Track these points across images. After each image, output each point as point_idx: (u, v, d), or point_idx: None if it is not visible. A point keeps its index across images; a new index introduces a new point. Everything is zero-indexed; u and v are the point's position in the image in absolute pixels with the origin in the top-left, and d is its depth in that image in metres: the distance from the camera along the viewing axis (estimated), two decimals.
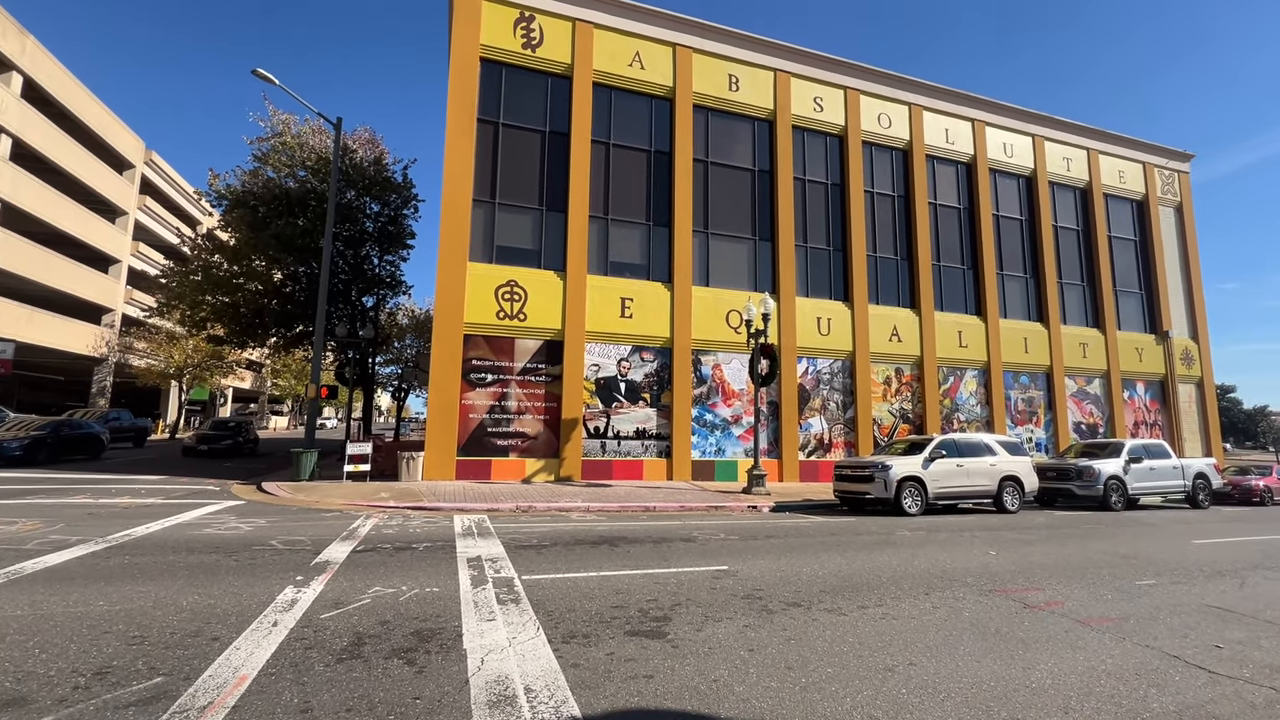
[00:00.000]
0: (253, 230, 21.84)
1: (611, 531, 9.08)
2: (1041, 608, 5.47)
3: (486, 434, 15.78)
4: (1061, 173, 24.53)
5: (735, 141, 19.70)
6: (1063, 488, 15.03)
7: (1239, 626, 5.06)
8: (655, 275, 18.04)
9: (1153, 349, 24.97)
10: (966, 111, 23.01)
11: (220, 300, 23.25)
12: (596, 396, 16.89)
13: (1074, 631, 4.78)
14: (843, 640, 4.40)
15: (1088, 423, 23.34)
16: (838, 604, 5.36)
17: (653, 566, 6.66)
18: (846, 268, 20.36)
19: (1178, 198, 27.01)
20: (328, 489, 13.13)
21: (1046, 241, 23.55)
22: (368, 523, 9.23)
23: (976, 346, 21.68)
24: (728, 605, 5.22)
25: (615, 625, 4.57)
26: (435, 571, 6.11)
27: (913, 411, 20.59)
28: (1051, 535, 10.12)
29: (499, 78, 17.16)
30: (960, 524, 11.35)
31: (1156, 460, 15.61)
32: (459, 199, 15.95)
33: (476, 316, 15.88)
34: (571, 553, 7.34)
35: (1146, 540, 9.78)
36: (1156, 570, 7.26)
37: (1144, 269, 25.76)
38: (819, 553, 7.82)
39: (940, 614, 5.16)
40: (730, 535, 9.10)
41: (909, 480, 12.62)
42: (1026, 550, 8.48)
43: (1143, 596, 5.97)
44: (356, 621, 4.47)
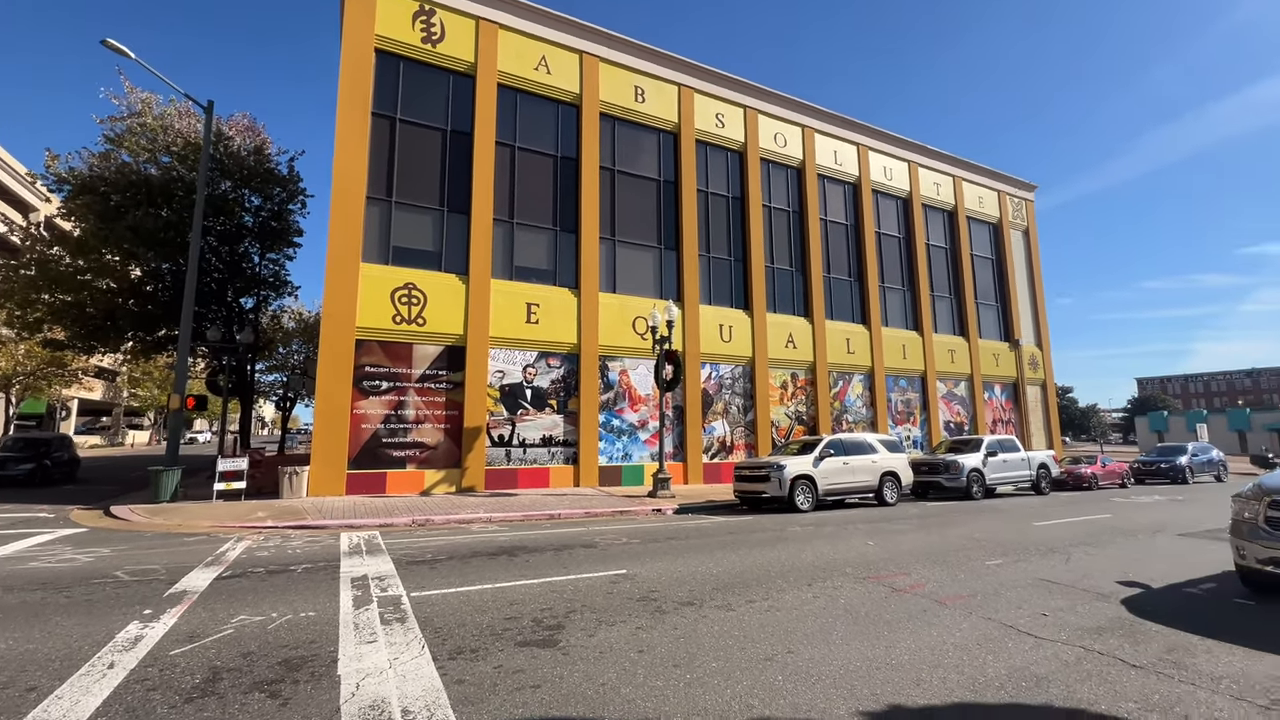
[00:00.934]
0: (103, 221, 19.27)
1: (512, 542, 8.89)
2: (907, 591, 6.01)
3: (381, 445, 14.91)
4: (933, 196, 27.23)
5: (641, 151, 20.09)
6: (933, 480, 16.59)
7: (1062, 596, 5.84)
8: (562, 281, 17.95)
9: (1007, 355, 28.27)
10: (853, 137, 24.95)
11: (60, 299, 20.29)
12: (501, 404, 16.49)
13: (931, 610, 5.30)
14: (729, 635, 4.59)
15: (955, 421, 25.97)
16: (728, 600, 5.59)
17: (551, 575, 6.60)
18: (747, 278, 21.34)
19: (1025, 222, 30.85)
20: (193, 510, 11.82)
21: (921, 258, 26.00)
22: (239, 546, 8.41)
23: (863, 353, 23.47)
24: (622, 609, 5.28)
25: (506, 637, 4.48)
26: (313, 594, 5.68)
27: (807, 414, 21.91)
28: (922, 524, 11.14)
29: (396, 71, 16.38)
30: (846, 518, 12.22)
31: (1009, 454, 17.67)
32: (351, 195, 15.02)
33: (371, 320, 14.99)
34: (467, 566, 7.10)
35: (997, 525, 11.03)
36: (1003, 551, 8.21)
37: (999, 284, 29.14)
38: (716, 552, 8.11)
39: (820, 603, 5.52)
40: (632, 539, 9.21)
41: (801, 478, 13.40)
42: (899, 539, 9.29)
43: (989, 575, 6.73)
44: (214, 655, 4.06)
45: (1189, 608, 5.48)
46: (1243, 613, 5.35)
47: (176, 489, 13.08)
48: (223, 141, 21.21)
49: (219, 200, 21.84)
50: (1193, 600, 5.76)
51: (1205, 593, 6.05)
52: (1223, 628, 4.84)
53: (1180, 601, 5.72)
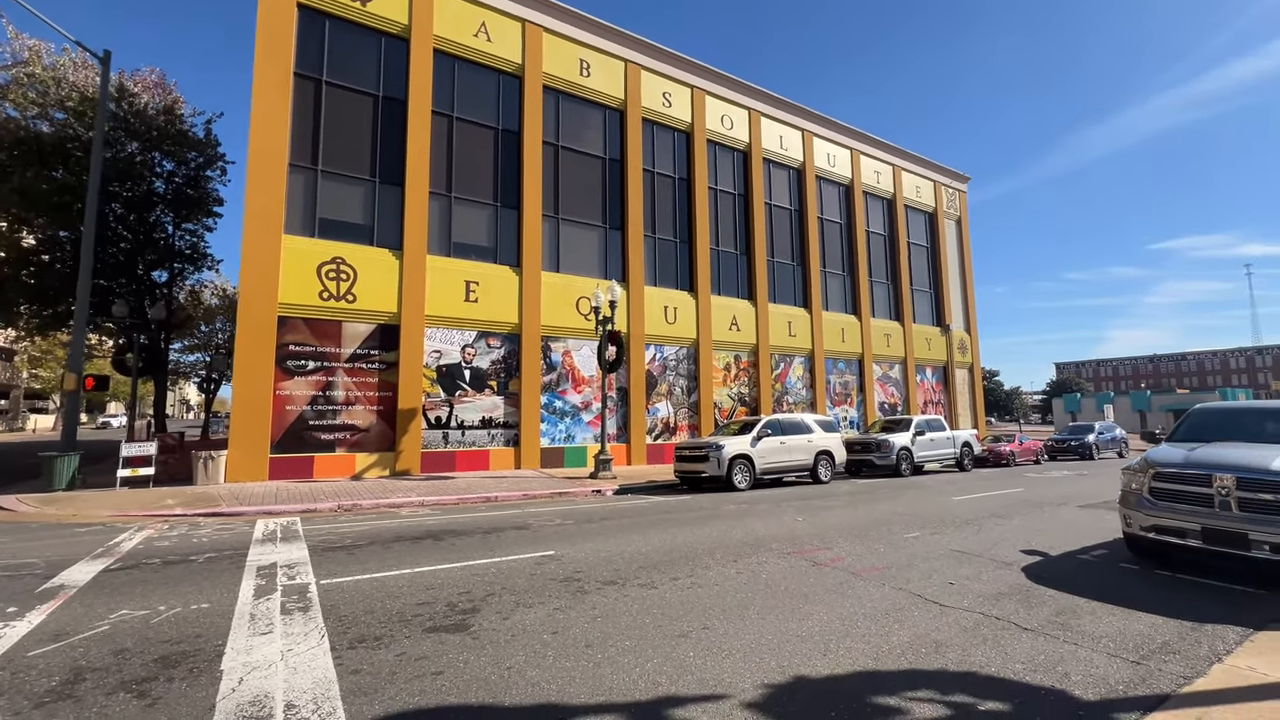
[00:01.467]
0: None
1: (441, 525, 8.63)
2: (827, 565, 6.17)
3: (308, 427, 14.18)
4: (873, 184, 27.96)
5: (587, 128, 19.64)
6: (866, 459, 17.24)
7: (969, 565, 6.13)
8: (503, 258, 17.44)
9: (938, 339, 29.60)
10: (798, 122, 25.21)
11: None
12: (439, 385, 15.97)
13: (847, 583, 5.44)
14: (647, 613, 4.56)
15: (890, 402, 27.07)
16: (652, 578, 5.58)
17: (476, 558, 6.42)
18: (692, 260, 21.36)
19: (958, 212, 32.18)
20: (92, 499, 10.92)
21: (861, 244, 26.73)
22: (138, 536, 7.80)
23: (804, 336, 24.03)
24: (544, 590, 5.18)
25: (415, 624, 4.30)
26: (211, 585, 5.30)
27: (749, 395, 22.30)
28: (851, 501, 11.54)
29: (321, 29, 15.29)
30: (780, 495, 12.52)
31: (935, 433, 18.55)
32: (271, 160, 14.01)
33: (295, 297, 14.13)
34: (389, 551, 6.83)
35: (920, 500, 11.55)
36: (921, 524, 8.59)
37: (933, 271, 30.37)
38: (648, 530, 8.12)
39: (742, 579, 5.59)
40: (566, 520, 9.11)
41: (739, 458, 13.63)
42: (827, 515, 9.57)
43: (906, 547, 7.00)
44: (81, 655, 3.70)
45: (1081, 573, 5.85)
46: (1126, 576, 5.75)
47: (74, 476, 12.05)
48: (127, 98, 19.39)
49: (124, 163, 20.03)
50: (1085, 566, 6.16)
51: (1097, 559, 6.49)
52: (1108, 591, 5.18)
53: (1074, 568, 6.11)
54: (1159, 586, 5.37)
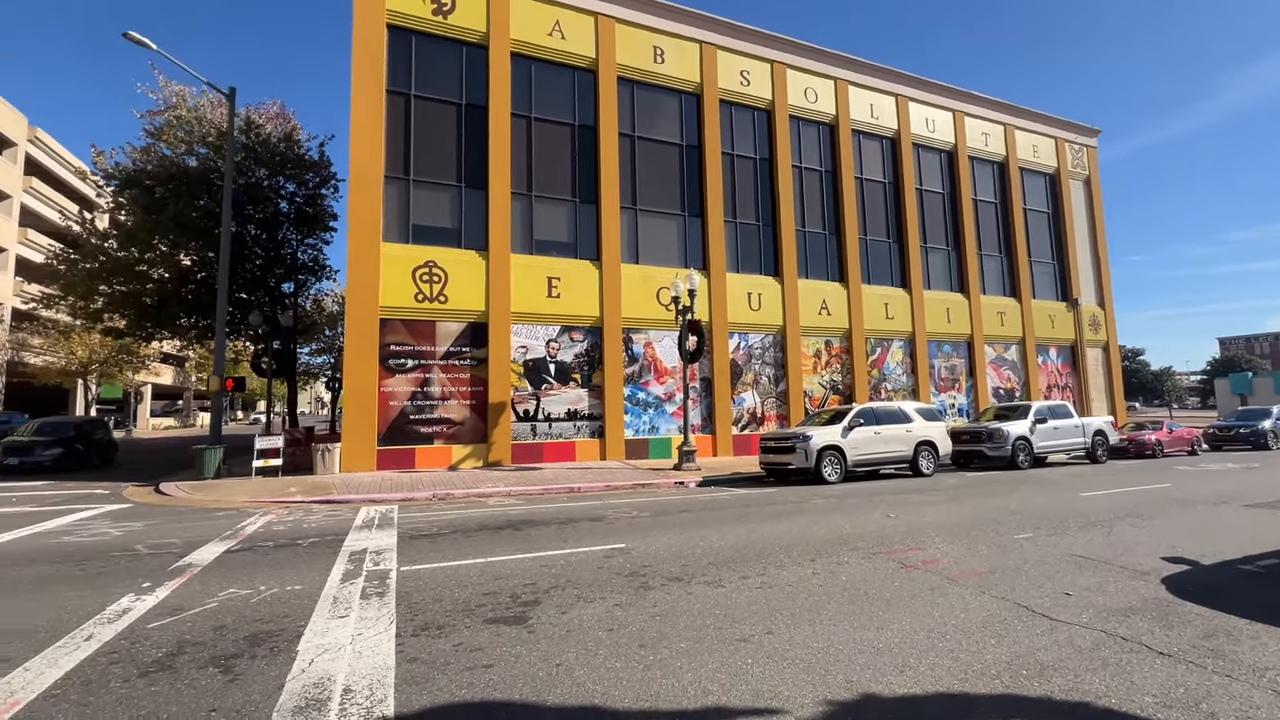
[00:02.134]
0: (148, 212, 20.14)
1: (523, 515, 8.87)
2: (918, 567, 5.60)
3: (409, 422, 15.21)
4: (981, 147, 25.37)
5: (662, 116, 19.39)
6: (975, 450, 15.73)
7: (1093, 573, 5.31)
8: (583, 253, 17.68)
9: (1064, 316, 26.42)
10: (890, 86, 23.38)
11: (118, 289, 21.46)
12: (525, 379, 16.52)
13: (939, 589, 4.89)
14: (709, 613, 4.34)
15: (1005, 387, 24.58)
16: (720, 576, 5.33)
17: (548, 549, 6.49)
18: (776, 243, 20.52)
19: (1086, 171, 28.45)
20: (232, 486, 12.37)
21: (967, 214, 24.39)
22: (260, 520, 8.70)
23: (902, 318, 22.36)
24: (607, 584, 5.10)
25: (479, 614, 4.37)
26: (309, 568, 5.75)
27: (842, 383, 21.12)
28: (955, 496, 10.54)
29: (408, 46, 16.21)
30: (874, 489, 11.70)
31: (1060, 420, 16.55)
32: (369, 176, 15.08)
33: (393, 300, 15.16)
34: (469, 540, 7.09)
35: (1039, 496, 10.31)
36: (1036, 524, 7.62)
37: (1056, 240, 27.11)
38: (725, 525, 7.84)
39: (818, 580, 5.20)
40: (643, 513, 9.04)
41: (829, 449, 12.90)
42: (925, 512, 8.77)
43: (1016, 550, 6.22)
44: (189, 629, 4.10)
45: (1241, 588, 4.87)
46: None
47: (220, 466, 13.72)
48: (254, 130, 21.69)
49: (255, 188, 22.45)
50: (1248, 579, 5.13)
51: (1264, 570, 5.40)
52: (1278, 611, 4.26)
53: (1232, 580, 5.11)
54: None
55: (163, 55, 14.08)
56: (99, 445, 18.15)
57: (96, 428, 18.79)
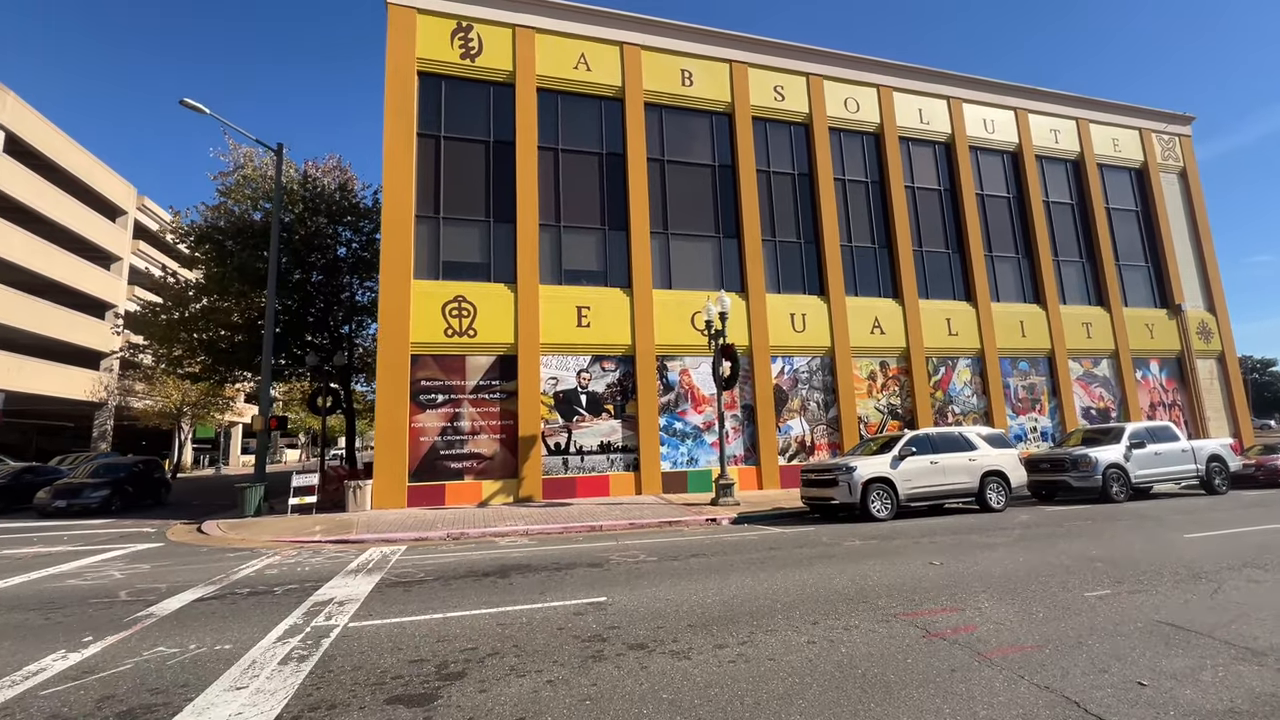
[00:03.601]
0: (218, 264, 21.72)
1: (522, 559, 8.26)
2: (945, 635, 4.51)
3: (439, 457, 15.11)
4: (1050, 145, 23.26)
5: (693, 138, 18.97)
6: (1058, 480, 13.76)
7: (1185, 651, 4.05)
8: (613, 281, 17.30)
9: (1165, 324, 23.36)
10: (940, 89, 21.96)
11: (195, 337, 23.16)
12: (556, 411, 16.13)
13: (963, 669, 3.83)
14: (652, 698, 3.52)
15: (1098, 407, 21.82)
16: (693, 643, 4.48)
17: (520, 603, 5.83)
18: (820, 260, 19.37)
19: (1180, 163, 25.46)
20: (264, 525, 12.55)
21: (1038, 218, 22.25)
22: (264, 561, 8.56)
23: (968, 334, 20.43)
24: (556, 651, 4.37)
25: (387, 689, 3.76)
26: (258, 622, 5.36)
27: (902, 406, 19.39)
28: (1024, 536, 9.01)
29: (438, 91, 16.72)
30: (928, 527, 10.28)
31: (1163, 444, 14.24)
32: (400, 217, 15.46)
33: (424, 336, 15.29)
34: (447, 588, 6.55)
35: (1131, 537, 8.62)
36: (1119, 576, 6.19)
37: (1149, 240, 24.23)
38: (733, 573, 6.91)
39: (810, 652, 4.24)
40: (650, 557, 8.21)
41: (876, 482, 11.57)
42: (979, 558, 7.44)
43: (1083, 613, 4.95)
44: (77, 698, 3.74)
45: None
46: None
47: (260, 504, 14.07)
48: (311, 182, 23.12)
49: (316, 236, 23.86)
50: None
51: None
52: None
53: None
54: None
55: (216, 118, 15.19)
56: (151, 485, 18.38)
57: (150, 468, 19.01)
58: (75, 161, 32.49)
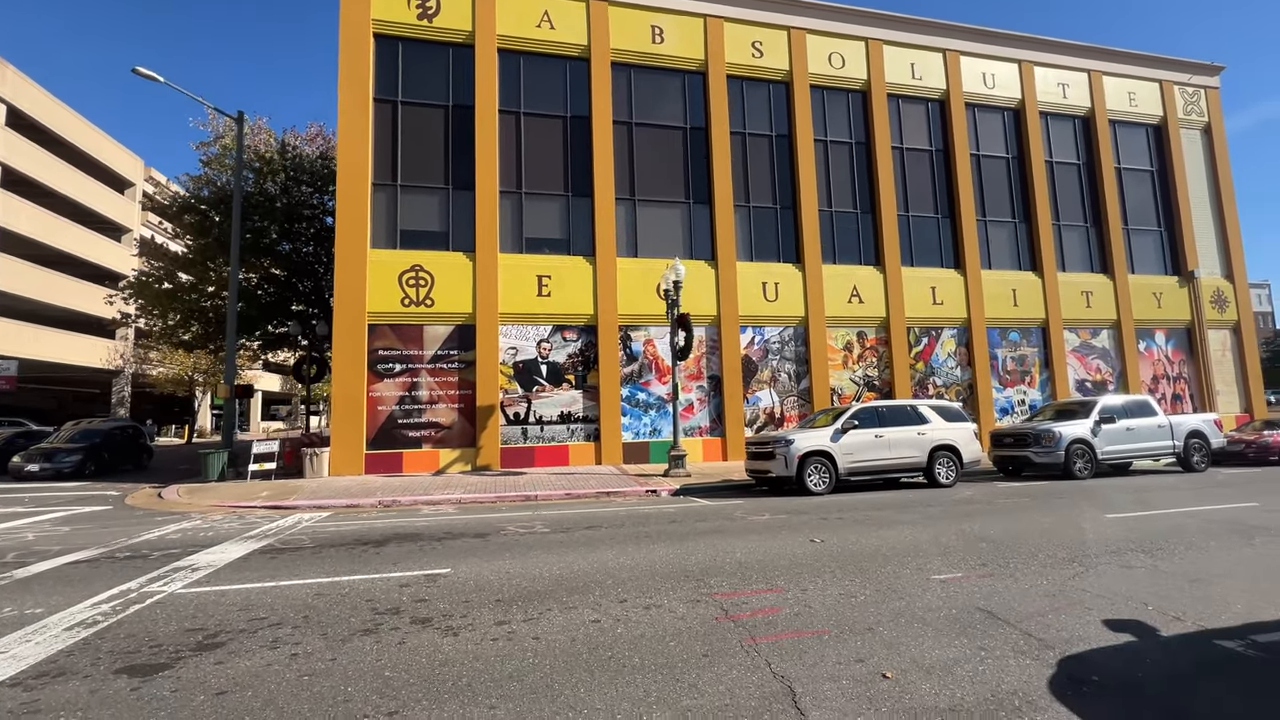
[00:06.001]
0: (202, 235, 22.03)
1: (419, 529, 8.30)
2: (741, 617, 4.33)
3: (397, 426, 15.28)
4: (1056, 100, 21.76)
5: (663, 98, 18.25)
6: (1021, 455, 13.25)
7: (970, 641, 3.79)
8: (577, 249, 16.98)
9: (1175, 292, 22.06)
10: (936, 41, 20.62)
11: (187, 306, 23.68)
12: (515, 381, 16.10)
13: (721, 653, 3.65)
14: (375, 674, 3.44)
15: (1094, 380, 20.88)
16: (480, 619, 4.38)
17: (360, 573, 5.82)
18: (796, 226, 18.67)
19: (1205, 117, 23.61)
20: (218, 490, 12.91)
21: (1039, 179, 20.99)
22: (181, 525, 8.79)
23: (954, 303, 19.60)
24: (337, 624, 4.33)
25: (134, 657, 3.77)
26: (97, 586, 5.45)
27: (879, 378, 18.83)
28: (944, 514, 8.67)
29: (395, 54, 16.34)
30: (855, 503, 10.00)
31: (1136, 419, 13.53)
32: (356, 185, 15.33)
33: (380, 305, 15.31)
34: (316, 557, 6.60)
35: (1051, 516, 8.21)
36: (990, 558, 5.88)
37: (1163, 203, 22.71)
38: (605, 547, 6.79)
39: (588, 630, 4.11)
40: (547, 528, 8.15)
41: (815, 455, 11.28)
42: (869, 534, 7.17)
43: (909, 598, 4.70)
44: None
45: (1178, 682, 3.21)
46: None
47: (224, 470, 14.47)
48: (290, 151, 23.08)
49: (301, 205, 23.92)
50: (1204, 668, 3.41)
51: (1255, 650, 3.60)
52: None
53: (1189, 665, 3.42)
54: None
55: (171, 86, 15.14)
56: (132, 450, 18.49)
57: (132, 433, 18.94)
58: (81, 135, 33.10)
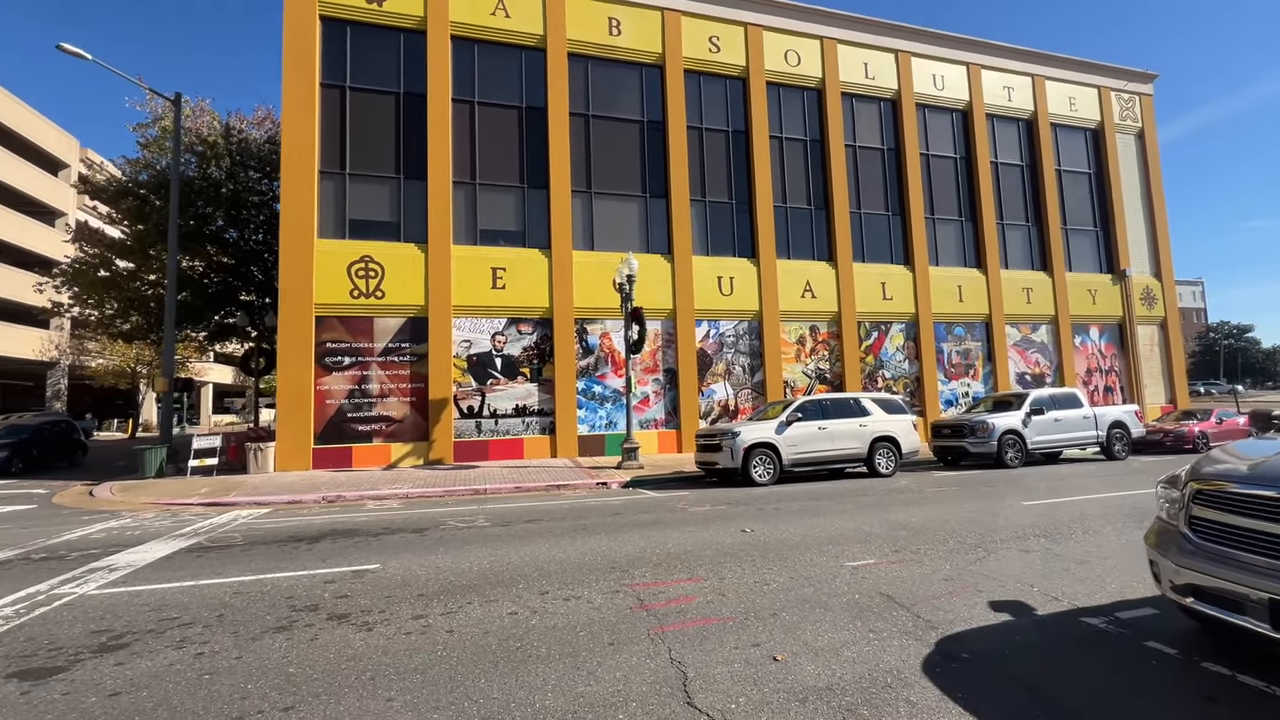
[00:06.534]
0: (141, 221, 21.08)
1: (357, 525, 8.23)
2: (655, 606, 4.48)
3: (346, 420, 15.02)
4: (1002, 103, 22.57)
5: (620, 92, 18.24)
6: (958, 445, 13.85)
7: (864, 625, 4.02)
8: (532, 241, 16.90)
9: (1109, 290, 23.24)
10: (889, 42, 21.11)
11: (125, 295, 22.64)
12: (469, 374, 15.99)
13: (627, 642, 3.79)
14: (279, 670, 3.47)
15: (1033, 373, 21.88)
16: (398, 613, 4.43)
17: (287, 570, 5.78)
18: (752, 222, 18.96)
19: (1139, 123, 24.82)
20: (155, 487, 12.50)
21: (984, 180, 21.77)
22: (107, 524, 8.52)
23: (903, 298, 20.24)
24: (251, 622, 4.32)
25: (31, 660, 3.70)
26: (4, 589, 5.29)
27: (830, 371, 19.35)
28: (876, 503, 9.05)
29: (343, 38, 15.89)
30: (796, 493, 10.33)
31: (1064, 411, 14.30)
32: (301, 173, 14.91)
33: (328, 297, 14.97)
34: (245, 555, 6.51)
35: (973, 504, 8.66)
36: (905, 545, 6.19)
37: (1099, 204, 23.83)
38: (540, 540, 6.89)
39: (503, 623, 4.21)
40: (489, 521, 8.20)
41: (759, 447, 11.58)
42: (799, 524, 7.45)
43: (818, 584, 4.94)
44: None
45: (1060, 656, 3.49)
46: (1139, 671, 3.29)
47: (162, 465, 13.99)
48: (235, 134, 22.22)
49: (249, 191, 23.08)
50: (1078, 644, 3.71)
51: (1117, 627, 3.93)
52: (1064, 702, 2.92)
53: (1054, 643, 3.71)
54: (1180, 704, 2.93)
55: (100, 64, 14.41)
56: (64, 446, 17.83)
57: (64, 429, 18.18)
58: (8, 112, 31.14)
